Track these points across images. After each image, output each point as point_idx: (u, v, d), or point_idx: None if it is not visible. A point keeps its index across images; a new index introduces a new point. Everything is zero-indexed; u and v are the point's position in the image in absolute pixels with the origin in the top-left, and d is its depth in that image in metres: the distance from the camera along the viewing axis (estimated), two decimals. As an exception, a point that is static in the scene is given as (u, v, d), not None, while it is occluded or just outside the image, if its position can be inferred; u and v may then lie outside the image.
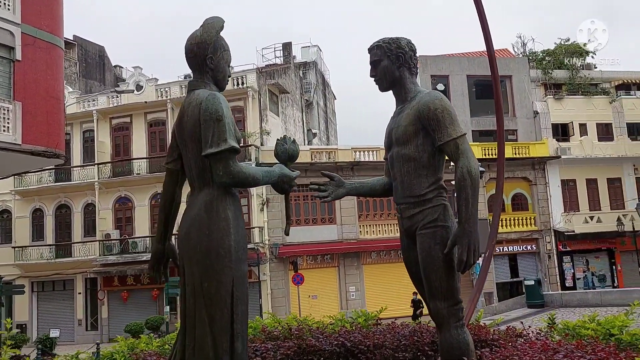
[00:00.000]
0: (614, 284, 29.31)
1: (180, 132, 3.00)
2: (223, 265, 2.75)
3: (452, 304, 3.05)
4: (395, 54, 3.32)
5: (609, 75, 34.01)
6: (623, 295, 16.46)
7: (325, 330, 4.16)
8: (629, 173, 31.10)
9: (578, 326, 3.82)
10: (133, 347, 4.03)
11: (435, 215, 3.13)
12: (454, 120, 3.11)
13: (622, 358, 2.55)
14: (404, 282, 23.35)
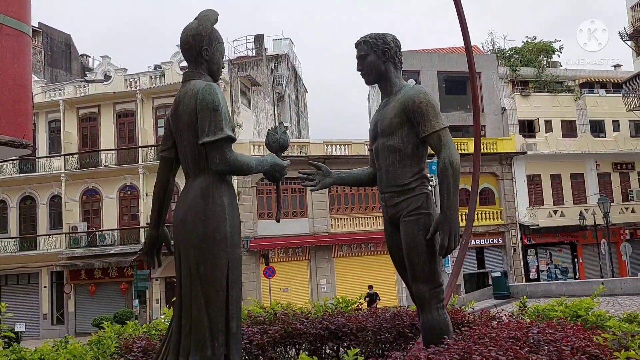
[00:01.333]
0: (576, 276, 30.35)
1: (176, 121, 3.09)
2: (219, 249, 2.86)
3: (434, 286, 3.24)
4: (382, 49, 3.47)
5: (574, 74, 35.05)
6: (585, 287, 17.12)
7: (309, 315, 4.31)
8: (591, 169, 32.16)
9: (547, 309, 4.09)
10: (120, 333, 4.09)
11: (419, 203, 3.31)
12: (437, 114, 3.29)
13: (589, 334, 2.78)
14: (374, 274, 23.73)
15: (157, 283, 27.92)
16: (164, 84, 28.74)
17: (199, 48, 3.09)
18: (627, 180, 32.78)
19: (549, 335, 2.73)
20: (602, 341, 2.68)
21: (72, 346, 3.26)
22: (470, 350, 2.49)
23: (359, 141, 28.86)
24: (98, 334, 4.08)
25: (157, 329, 4.31)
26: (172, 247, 3.11)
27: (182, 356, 2.85)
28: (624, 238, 30.17)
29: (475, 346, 2.53)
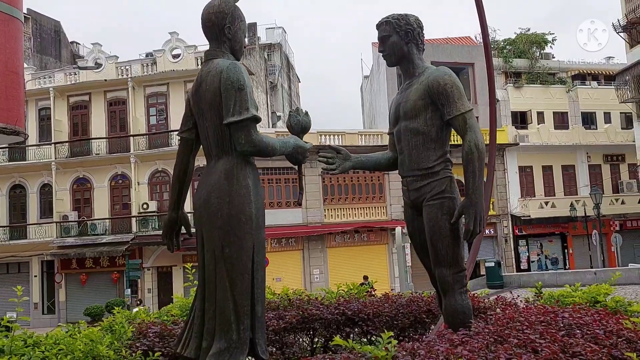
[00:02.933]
0: (566, 266, 30.65)
1: (197, 101, 3.01)
2: (244, 231, 2.80)
3: (457, 270, 3.21)
4: (404, 30, 3.41)
5: (566, 66, 35.20)
6: (577, 277, 17.26)
7: (324, 301, 4.27)
8: (582, 160, 32.41)
9: (564, 295, 4.08)
10: (132, 318, 4.02)
11: (443, 187, 3.27)
12: (462, 95, 3.24)
13: (617, 318, 2.76)
14: (367, 264, 23.81)
15: (149, 272, 27.84)
16: (156, 72, 28.46)
17: (221, 26, 3.01)
18: (618, 172, 33.08)
19: (578, 319, 2.71)
20: (632, 325, 2.66)
21: (89, 330, 3.20)
22: (503, 333, 2.46)
23: (353, 131, 28.84)
24: (109, 319, 4.01)
25: (168, 315, 4.25)
26: (195, 230, 3.03)
27: (205, 340, 2.80)
28: (613, 229, 30.48)
29: (507, 330, 2.50)
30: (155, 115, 29.55)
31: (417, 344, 2.26)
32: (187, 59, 28.40)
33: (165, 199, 28.62)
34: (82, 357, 3.01)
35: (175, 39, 28.74)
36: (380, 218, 27.89)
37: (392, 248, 26.96)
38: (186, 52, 28.44)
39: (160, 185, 28.77)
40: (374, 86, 36.54)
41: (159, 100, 29.47)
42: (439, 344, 2.24)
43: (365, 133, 29.43)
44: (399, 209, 28.04)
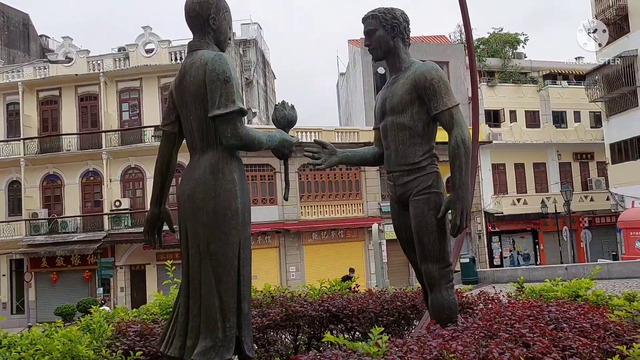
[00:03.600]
0: (537, 262, 31.24)
1: (181, 93, 2.92)
2: (230, 227, 2.73)
3: (444, 266, 3.20)
4: (391, 24, 3.38)
5: (538, 65, 35.81)
6: (548, 272, 17.66)
7: (307, 298, 4.23)
8: (553, 158, 33.05)
9: (545, 290, 4.13)
10: (110, 317, 3.91)
11: (429, 182, 3.25)
12: (449, 90, 3.23)
13: (602, 312, 2.79)
14: (344, 262, 23.78)
15: (121, 271, 27.38)
16: (129, 66, 27.95)
17: (205, 16, 2.93)
18: (587, 170, 33.83)
19: (564, 313, 2.73)
20: (615, 319, 2.70)
21: (67, 329, 3.08)
22: (492, 327, 2.46)
23: (329, 128, 28.82)
24: (86, 318, 3.90)
25: (147, 314, 4.15)
26: (178, 226, 2.95)
27: (190, 338, 2.73)
28: (583, 225, 31.18)
29: (496, 325, 2.50)
30: (128, 110, 29.04)
31: (409, 340, 2.24)
32: (160, 53, 27.97)
33: (138, 195, 28.16)
34: (61, 357, 2.91)
35: (149, 34, 28.27)
36: (357, 215, 27.96)
37: (368, 245, 27.06)
38: (160, 47, 28.01)
39: (133, 182, 28.30)
40: (350, 83, 36.58)
41: (132, 95, 28.97)
42: (430, 339, 2.22)
43: (342, 130, 29.45)
44: (375, 205, 28.18)
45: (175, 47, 28.26)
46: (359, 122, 32.78)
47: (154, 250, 26.96)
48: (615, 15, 26.39)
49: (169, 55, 27.99)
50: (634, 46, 25.47)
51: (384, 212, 27.77)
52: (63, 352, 2.92)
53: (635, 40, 25.31)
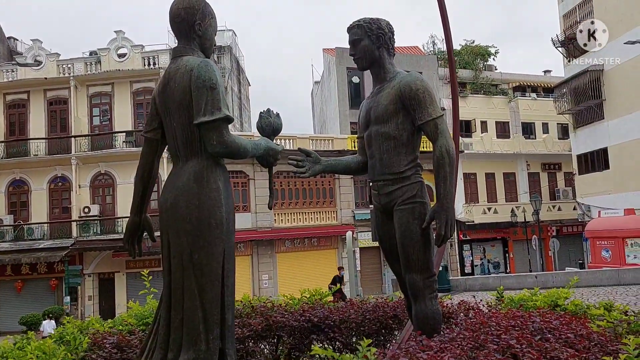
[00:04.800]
0: (507, 270, 31.75)
1: (164, 100, 2.86)
2: (214, 236, 2.67)
3: (428, 276, 3.19)
4: (376, 34, 3.38)
5: (508, 77, 36.62)
6: (519, 280, 17.93)
7: (288, 308, 4.18)
8: (522, 168, 33.75)
9: (524, 299, 4.17)
10: (83, 328, 3.79)
11: (414, 192, 3.25)
12: (433, 101, 3.24)
13: (584, 322, 2.83)
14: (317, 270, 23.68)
15: (89, 279, 26.75)
16: (100, 71, 27.47)
17: (191, 22, 2.88)
18: (555, 180, 34.63)
19: (547, 323, 2.75)
20: (597, 329, 2.73)
21: (40, 342, 2.97)
22: (480, 338, 2.46)
23: (304, 136, 28.82)
24: (58, 329, 3.77)
25: (124, 324, 4.03)
26: (159, 235, 2.87)
27: (171, 350, 2.65)
28: (550, 234, 31.85)
29: (483, 335, 2.50)
30: (99, 115, 28.51)
31: (399, 352, 2.22)
32: (133, 58, 27.60)
33: (108, 202, 27.60)
34: (34, 371, 2.79)
35: (121, 38, 27.87)
36: (331, 223, 27.96)
37: (342, 253, 27.07)
38: (133, 52, 27.64)
39: (102, 189, 27.74)
40: (324, 92, 36.71)
41: (103, 100, 28.47)
42: (419, 351, 2.21)
43: (316, 138, 29.48)
44: (349, 213, 28.24)
45: (149, 52, 27.94)
46: (333, 130, 32.90)
47: (124, 258, 26.43)
48: (582, 31, 27.15)
49: (142, 61, 27.63)
50: (600, 61, 26.24)
51: (357, 220, 27.85)
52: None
53: (602, 55, 26.08)
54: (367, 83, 32.12)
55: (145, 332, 3.62)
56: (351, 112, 32.38)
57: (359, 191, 28.79)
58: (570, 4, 28.42)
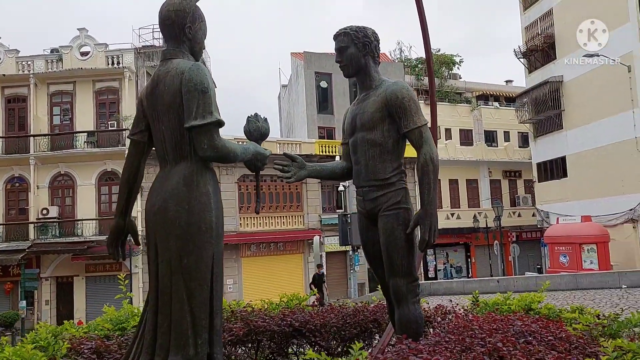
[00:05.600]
0: (469, 274, 32.40)
1: (153, 103, 2.83)
2: (204, 240, 2.66)
3: (411, 280, 3.26)
4: (362, 42, 3.44)
5: (472, 86, 37.51)
6: (482, 284, 18.31)
7: (268, 312, 4.17)
8: (484, 175, 34.55)
9: (499, 303, 4.29)
10: (57, 333, 3.69)
11: (399, 198, 3.32)
12: (418, 109, 3.32)
13: (560, 325, 2.94)
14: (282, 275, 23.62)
15: (47, 283, 25.93)
16: (62, 69, 26.76)
17: (182, 25, 2.86)
18: (515, 187, 35.59)
19: (527, 326, 2.84)
20: (574, 332, 2.84)
21: (17, 347, 2.87)
22: (465, 341, 2.52)
23: (271, 139, 28.71)
24: (31, 334, 3.66)
25: (99, 329, 3.95)
26: (145, 238, 2.83)
27: (158, 355, 2.62)
28: (511, 240, 32.69)
29: (468, 338, 2.57)
30: (60, 114, 27.74)
31: (390, 355, 2.26)
32: (96, 57, 27.00)
33: (67, 204, 26.84)
34: (13, 378, 2.71)
35: (85, 36, 27.23)
36: (297, 227, 27.94)
37: (308, 257, 27.10)
38: (96, 50, 27.05)
39: (62, 190, 26.97)
40: (292, 96, 36.71)
41: (64, 99, 27.72)
42: (410, 353, 2.25)
43: (283, 142, 29.46)
44: (316, 218, 28.29)
45: (112, 51, 27.38)
46: (300, 134, 32.93)
47: (83, 262, 25.74)
48: (543, 43, 28.07)
49: (105, 59, 27.06)
50: (560, 72, 27.16)
51: (324, 224, 27.93)
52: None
53: (561, 66, 27.00)
54: (335, 88, 32.32)
55: (123, 337, 3.56)
56: (319, 117, 32.50)
57: (326, 196, 28.89)
58: (532, 16, 29.34)
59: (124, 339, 3.45)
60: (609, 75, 23.60)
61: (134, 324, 4.03)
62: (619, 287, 14.76)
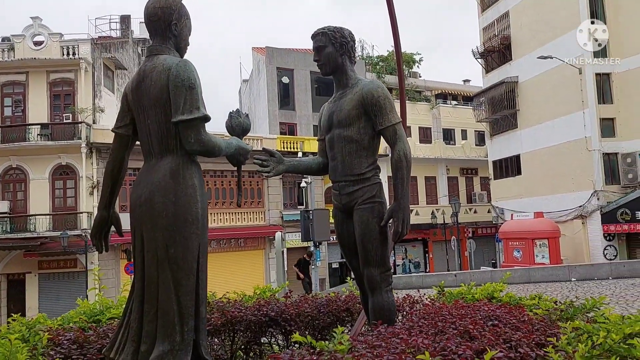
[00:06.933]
0: (427, 269, 33.15)
1: (138, 97, 2.89)
2: (190, 231, 2.75)
3: (385, 270, 3.43)
4: (340, 42, 3.58)
5: (431, 85, 38.28)
6: (440, 278, 18.75)
7: (244, 303, 4.27)
8: (442, 173, 35.39)
9: (461, 293, 4.53)
10: (31, 326, 3.67)
11: (374, 192, 3.48)
12: (393, 108, 3.48)
13: (522, 310, 3.17)
14: (242, 271, 23.52)
15: (-3, 280, 25.07)
16: (14, 58, 25.82)
17: (168, 22, 2.93)
18: (472, 184, 36.60)
19: (493, 311, 3.06)
20: (535, 316, 3.07)
21: (0, 339, 2.87)
22: (437, 325, 2.71)
23: (232, 135, 28.57)
24: (2, 328, 3.64)
25: (72, 321, 3.96)
26: (130, 230, 2.89)
27: (144, 343, 2.69)
28: (467, 236, 33.64)
29: (440, 322, 2.75)
30: (11, 106, 26.78)
31: (372, 338, 2.41)
32: (51, 47, 26.19)
33: (19, 198, 25.97)
34: (-6, 368, 2.72)
35: (38, 25, 26.35)
36: (258, 223, 27.92)
37: (269, 253, 27.12)
38: (50, 40, 26.23)
39: (14, 184, 26.07)
40: (253, 90, 36.56)
41: (16, 89, 26.77)
42: (390, 336, 2.41)
43: (244, 137, 29.30)
44: (277, 214, 28.33)
45: (68, 41, 26.62)
46: (262, 129, 32.84)
47: (36, 258, 24.99)
48: (500, 44, 28.96)
49: (60, 50, 26.28)
50: (515, 73, 28.10)
51: (285, 220, 28.01)
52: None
53: (517, 67, 27.95)
54: (296, 84, 32.38)
55: (101, 329, 3.59)
56: (281, 112, 32.50)
57: (288, 192, 28.98)
58: (490, 18, 30.21)
59: (103, 329, 3.49)
60: (561, 77, 24.60)
61: (110, 317, 4.06)
62: (569, 280, 15.51)
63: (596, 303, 3.31)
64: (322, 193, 28.43)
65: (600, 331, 2.34)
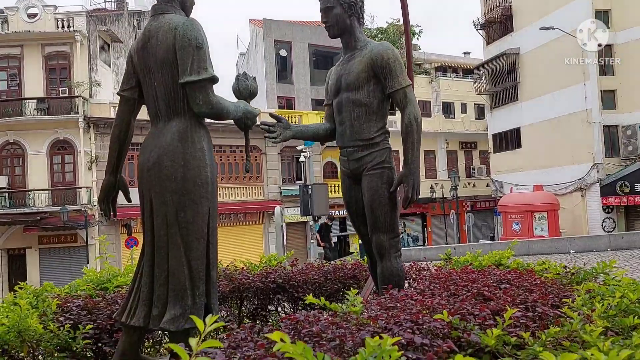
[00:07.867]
0: (425, 243, 33.32)
1: (145, 58, 2.81)
2: (200, 195, 2.71)
3: (394, 236, 3.40)
4: (348, 3, 3.48)
5: (430, 58, 37.86)
6: (439, 251, 18.79)
7: (251, 271, 4.27)
8: (441, 147, 35.27)
9: (468, 260, 4.53)
10: (38, 294, 3.66)
11: (383, 158, 3.43)
12: (403, 70, 3.41)
13: (533, 274, 3.16)
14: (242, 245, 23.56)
15: (-3, 255, 25.16)
16: (8, 31, 25.42)
17: None
18: (471, 158, 36.54)
19: (504, 275, 3.04)
20: (547, 281, 3.06)
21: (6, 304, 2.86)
22: (450, 288, 2.69)
23: (230, 109, 28.37)
24: (9, 296, 3.63)
25: (79, 289, 3.95)
26: (138, 194, 2.85)
27: (156, 307, 2.68)
28: (465, 210, 33.71)
29: (452, 286, 2.74)
30: (6, 80, 26.48)
31: (385, 299, 2.40)
32: (45, 19, 25.75)
33: (17, 173, 25.89)
34: (5, 331, 2.71)
35: (32, -4, 25.90)
36: (257, 198, 27.93)
37: (268, 228, 27.19)
38: (44, 12, 25.78)
39: (11, 159, 25.94)
40: (250, 64, 36.14)
41: (11, 63, 26.42)
42: (405, 298, 2.39)
43: (242, 111, 29.09)
44: (276, 189, 28.32)
45: (62, 13, 26.17)
46: (259, 103, 32.56)
47: (36, 233, 25.02)
48: (501, 15, 28.57)
49: (55, 22, 25.84)
50: (517, 44, 27.77)
51: (284, 195, 28.01)
52: (8, 327, 2.72)
53: (519, 39, 27.62)
54: (294, 57, 32.00)
55: (109, 296, 3.59)
56: (278, 86, 32.22)
57: (286, 167, 28.91)
58: (491, -12, 29.75)
59: (111, 297, 3.48)
60: (563, 48, 24.34)
61: (117, 284, 4.05)
62: (568, 252, 15.60)
63: (606, 267, 3.30)
64: (320, 168, 28.40)
65: (616, 292, 2.32)
